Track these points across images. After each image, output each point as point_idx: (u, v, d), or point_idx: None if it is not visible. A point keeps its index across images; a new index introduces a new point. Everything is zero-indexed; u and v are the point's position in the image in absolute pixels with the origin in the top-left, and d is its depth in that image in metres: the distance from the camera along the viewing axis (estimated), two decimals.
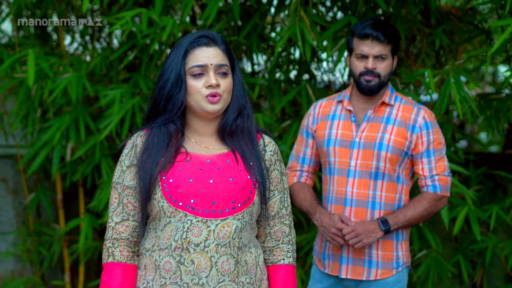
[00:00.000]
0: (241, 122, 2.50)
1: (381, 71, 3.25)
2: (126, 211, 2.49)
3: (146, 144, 2.48)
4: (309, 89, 4.19)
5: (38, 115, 4.88)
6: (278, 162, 2.57)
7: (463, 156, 4.39)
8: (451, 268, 4.14)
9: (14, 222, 5.87)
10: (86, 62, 4.68)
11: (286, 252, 2.58)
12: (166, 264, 2.42)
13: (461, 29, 4.18)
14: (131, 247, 2.50)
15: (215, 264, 2.40)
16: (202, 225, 2.40)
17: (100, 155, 4.60)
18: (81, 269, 5.07)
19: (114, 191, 2.51)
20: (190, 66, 2.45)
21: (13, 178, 5.82)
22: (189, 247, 2.40)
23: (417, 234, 4.10)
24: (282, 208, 2.57)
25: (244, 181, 2.45)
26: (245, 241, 2.47)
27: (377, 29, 3.22)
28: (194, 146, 2.50)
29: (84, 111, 4.57)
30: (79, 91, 4.35)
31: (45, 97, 4.45)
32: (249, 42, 4.27)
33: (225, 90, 2.46)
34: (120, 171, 2.51)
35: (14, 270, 5.89)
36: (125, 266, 2.49)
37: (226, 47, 2.50)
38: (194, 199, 2.41)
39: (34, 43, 4.91)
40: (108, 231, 2.51)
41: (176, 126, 2.48)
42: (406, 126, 3.25)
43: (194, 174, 2.44)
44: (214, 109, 2.45)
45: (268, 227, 2.57)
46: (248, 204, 2.45)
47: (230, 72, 2.48)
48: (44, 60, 4.40)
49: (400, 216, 3.22)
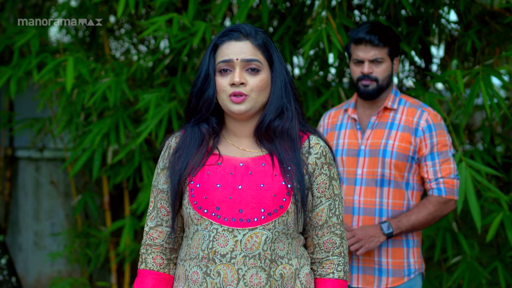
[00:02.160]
0: (281, 123, 2.28)
1: (378, 75, 3.21)
2: (160, 216, 2.36)
3: (178, 145, 2.33)
4: (341, 92, 4.16)
5: (81, 119, 4.97)
6: (327, 166, 2.32)
7: (501, 160, 4.29)
8: (486, 274, 4.04)
9: (65, 224, 6.01)
10: (127, 67, 4.75)
11: (336, 265, 2.35)
12: (193, 275, 2.26)
13: (497, 31, 4.09)
14: (165, 254, 2.37)
15: (243, 278, 2.21)
16: (228, 234, 2.22)
17: (140, 158, 4.66)
18: (127, 270, 5.14)
19: (152, 195, 2.39)
20: (217, 61, 2.28)
21: (63, 181, 5.96)
22: (215, 258, 2.22)
23: (451, 240, 4.03)
24: (332, 217, 2.34)
25: (277, 188, 2.24)
26: (281, 252, 2.26)
27: (371, 33, 3.18)
28: (229, 148, 2.33)
29: (124, 115, 4.64)
30: (118, 95, 4.42)
31: (85, 101, 4.53)
32: (282, 46, 4.27)
33: (253, 88, 2.25)
34: (156, 173, 2.39)
35: (63, 270, 6.03)
36: (157, 275, 2.36)
37: (263, 42, 2.28)
38: (220, 206, 2.23)
39: (79, 49, 5.02)
40: (144, 236, 2.40)
41: (208, 126, 2.32)
42: (410, 130, 3.20)
43: (223, 179, 2.26)
44: (239, 110, 2.26)
45: (317, 237, 2.35)
46: (281, 213, 2.23)
47: (264, 68, 2.27)
48: (84, 65, 4.49)
49: (404, 220, 3.15)
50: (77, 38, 5.29)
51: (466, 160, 3.56)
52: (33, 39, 4.81)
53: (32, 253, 6.38)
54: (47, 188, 6.22)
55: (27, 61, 4.82)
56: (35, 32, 4.82)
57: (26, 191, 6.39)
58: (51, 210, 6.19)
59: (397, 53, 3.27)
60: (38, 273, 6.29)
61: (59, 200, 6.05)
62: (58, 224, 6.10)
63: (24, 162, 6.40)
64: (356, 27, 3.24)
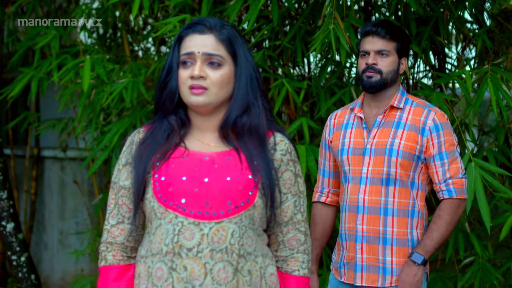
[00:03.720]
0: (248, 120, 2.25)
1: (382, 68, 3.20)
2: (121, 213, 2.29)
3: (144, 137, 2.28)
4: (353, 92, 4.16)
5: (101, 119, 5.04)
6: (292, 163, 2.30)
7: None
8: (498, 275, 4.01)
9: (89, 222, 6.09)
10: (145, 68, 4.80)
11: (301, 262, 2.33)
12: (158, 271, 2.19)
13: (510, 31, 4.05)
14: (126, 252, 2.31)
15: (210, 272, 2.15)
16: (194, 227, 2.16)
17: None
18: None
19: (112, 192, 2.32)
20: (180, 54, 2.24)
21: (87, 180, 6.04)
22: (181, 252, 2.16)
23: (463, 241, 4.00)
24: (297, 214, 2.31)
25: (244, 181, 2.20)
26: (249, 248, 2.21)
27: (378, 26, 3.20)
28: (195, 142, 2.28)
29: (142, 115, 4.70)
30: (134, 95, 4.47)
31: (102, 101, 4.60)
32: (294, 46, 4.29)
33: (214, 83, 2.21)
34: (116, 170, 2.32)
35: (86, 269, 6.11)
36: (118, 268, 2.29)
37: (227, 36, 2.25)
38: (185, 199, 2.18)
39: (98, 50, 5.09)
40: (103, 234, 2.32)
41: (176, 117, 2.29)
42: (417, 130, 3.18)
43: (188, 172, 2.21)
44: (197, 101, 2.21)
45: (281, 234, 2.31)
46: (247, 206, 2.20)
47: (227, 63, 2.24)
48: (101, 66, 4.55)
49: (428, 242, 3.15)
50: (98, 40, 5.37)
51: (475, 160, 3.54)
52: (53, 41, 4.89)
53: (57, 252, 6.49)
54: (71, 187, 6.32)
55: (47, 62, 4.90)
56: (55, 34, 4.90)
57: (51, 190, 6.50)
58: (75, 209, 6.29)
59: (405, 53, 3.27)
60: (63, 271, 6.40)
61: (83, 199, 6.14)
62: (82, 222, 6.20)
63: (50, 162, 6.52)
64: (366, 23, 3.26)
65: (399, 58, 3.24)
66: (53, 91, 5.85)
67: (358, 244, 3.22)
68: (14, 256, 5.02)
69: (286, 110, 4.58)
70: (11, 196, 5.03)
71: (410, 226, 3.21)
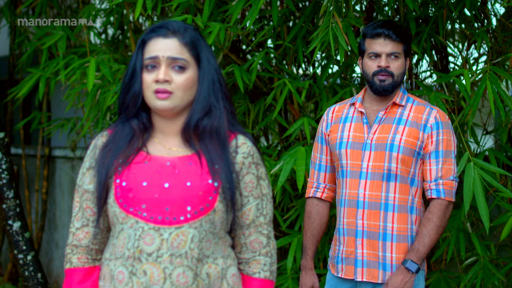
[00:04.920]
0: (209, 122, 2.26)
1: (394, 70, 3.21)
2: (85, 216, 2.31)
3: (107, 141, 2.29)
4: (354, 91, 4.16)
5: (107, 118, 5.07)
6: (254, 166, 2.31)
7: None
8: (500, 276, 3.99)
9: None
10: None
11: (263, 265, 2.34)
12: (119, 275, 2.22)
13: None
14: (91, 255, 2.33)
15: (169, 277, 2.18)
16: (154, 233, 2.18)
17: None
18: None
19: (76, 195, 2.34)
20: (144, 58, 2.23)
21: None
22: (141, 257, 2.19)
23: (464, 241, 3.99)
24: (260, 216, 2.33)
25: (204, 186, 2.21)
26: (207, 252, 2.24)
27: (389, 28, 3.20)
28: (157, 147, 2.29)
29: None
30: None
31: (107, 102, 4.63)
32: (295, 47, 4.29)
33: (179, 87, 2.22)
34: (81, 173, 2.34)
35: None
36: (83, 270, 2.31)
37: (190, 40, 2.26)
38: (145, 204, 2.20)
39: (105, 50, 5.12)
40: (69, 236, 2.34)
41: (139, 121, 2.29)
42: (418, 126, 3.19)
43: (149, 177, 2.22)
44: (163, 106, 2.21)
45: (243, 236, 2.34)
46: (207, 211, 2.21)
47: (190, 66, 2.24)
48: (106, 66, 4.58)
49: (421, 248, 3.16)
50: (106, 40, 5.40)
51: (474, 160, 3.52)
52: (60, 41, 4.93)
53: None
54: None
55: (54, 62, 4.94)
56: (62, 34, 4.94)
57: (62, 189, 6.55)
58: None
59: (410, 53, 3.29)
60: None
61: None
62: None
63: (61, 161, 6.57)
64: (371, 24, 3.25)
65: (406, 59, 3.26)
66: (64, 91, 5.90)
67: (358, 239, 3.23)
68: (20, 255, 5.07)
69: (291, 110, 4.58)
70: (18, 195, 5.08)
71: (410, 222, 3.22)
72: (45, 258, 6.72)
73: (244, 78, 4.15)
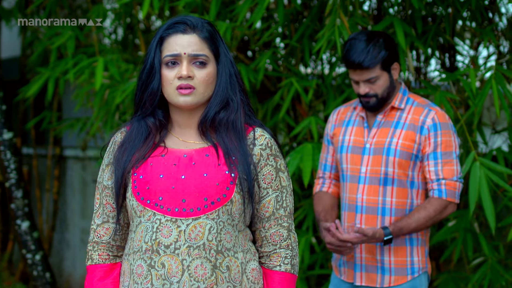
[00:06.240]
0: (226, 115, 2.26)
1: (376, 91, 3.19)
2: (106, 212, 2.33)
3: (124, 139, 2.30)
4: None
5: (116, 118, 5.08)
6: (272, 157, 2.30)
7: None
8: (507, 276, 3.95)
9: None
10: None
11: (283, 258, 2.31)
12: (138, 268, 2.23)
13: None
14: (112, 251, 2.34)
15: (187, 268, 2.18)
16: (171, 225, 2.19)
17: None
18: None
19: (97, 192, 2.36)
20: (164, 55, 2.23)
21: None
22: (159, 249, 2.19)
23: (472, 242, 3.95)
24: (280, 209, 2.30)
25: (221, 177, 2.21)
26: (228, 244, 2.23)
27: (359, 57, 3.12)
28: (174, 140, 2.31)
29: None
30: None
31: (116, 101, 4.63)
32: (301, 46, 4.27)
33: (201, 82, 2.23)
34: (101, 170, 2.36)
35: None
36: (104, 266, 2.33)
37: (209, 34, 2.27)
38: (162, 197, 2.20)
39: (114, 50, 5.13)
40: (90, 233, 2.36)
41: (155, 119, 2.29)
42: (415, 129, 3.17)
43: (166, 170, 2.24)
44: (185, 102, 2.23)
45: (264, 229, 2.31)
46: (224, 202, 2.21)
47: (210, 61, 2.26)
48: (114, 66, 4.58)
49: (404, 228, 3.13)
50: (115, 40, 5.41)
51: (480, 160, 3.49)
52: (69, 41, 4.94)
53: (79, 250, 6.56)
54: (93, 186, 6.37)
55: (63, 62, 4.96)
56: (71, 34, 4.95)
57: (73, 189, 6.57)
58: None
59: (393, 60, 3.21)
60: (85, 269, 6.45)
61: None
62: None
63: (72, 161, 6.59)
64: (345, 44, 3.20)
65: (389, 72, 3.20)
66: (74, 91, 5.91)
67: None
68: (29, 255, 5.09)
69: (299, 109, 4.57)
70: (27, 195, 5.09)
71: None
72: (56, 258, 6.74)
73: (251, 77, 4.14)
